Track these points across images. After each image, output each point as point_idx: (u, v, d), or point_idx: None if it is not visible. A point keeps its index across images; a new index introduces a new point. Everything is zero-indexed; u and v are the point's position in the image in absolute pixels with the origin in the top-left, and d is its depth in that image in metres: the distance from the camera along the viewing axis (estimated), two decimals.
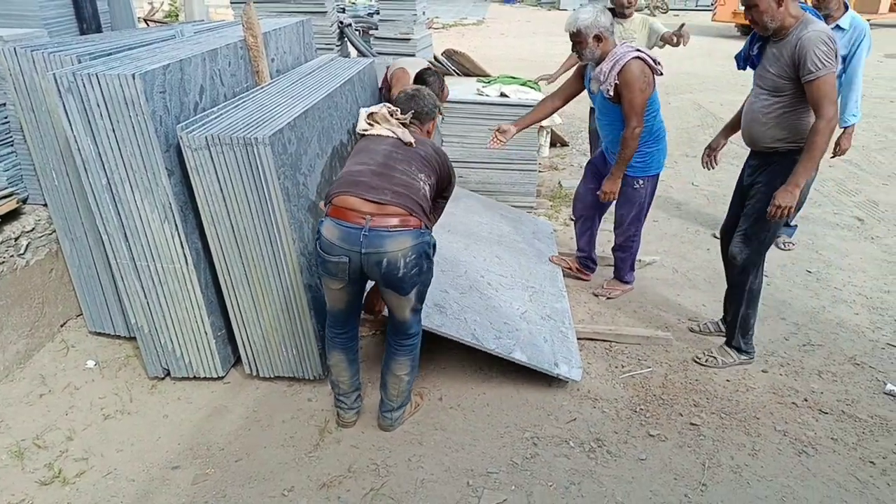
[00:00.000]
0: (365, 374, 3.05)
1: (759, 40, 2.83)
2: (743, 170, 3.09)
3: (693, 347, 3.32)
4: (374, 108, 2.60)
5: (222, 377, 2.98)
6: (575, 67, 3.66)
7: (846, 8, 3.93)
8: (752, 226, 2.96)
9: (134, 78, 2.37)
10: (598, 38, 3.15)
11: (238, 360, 3.01)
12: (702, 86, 9.96)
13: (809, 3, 3.98)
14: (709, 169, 3.40)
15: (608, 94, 3.23)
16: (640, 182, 3.47)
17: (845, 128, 4.13)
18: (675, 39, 4.44)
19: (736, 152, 5.50)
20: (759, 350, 3.28)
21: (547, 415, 2.83)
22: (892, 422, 2.83)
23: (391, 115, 2.56)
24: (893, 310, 3.74)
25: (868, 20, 14.39)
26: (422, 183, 2.40)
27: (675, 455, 2.62)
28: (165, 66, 2.54)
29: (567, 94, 3.62)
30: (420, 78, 3.65)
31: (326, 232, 2.29)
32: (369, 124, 2.57)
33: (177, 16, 13.23)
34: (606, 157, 3.59)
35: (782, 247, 4.47)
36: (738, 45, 3.40)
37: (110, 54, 2.85)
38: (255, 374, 2.96)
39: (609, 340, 3.35)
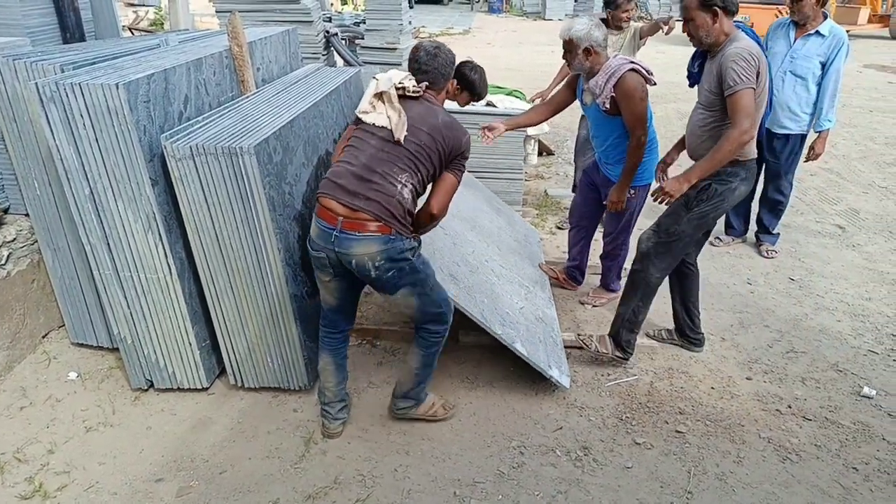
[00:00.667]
0: (351, 383, 3.04)
1: (700, 57, 2.91)
2: None
3: (679, 355, 3.34)
4: (391, 79, 2.49)
5: (207, 388, 2.95)
6: (566, 78, 3.68)
7: (825, 17, 4.02)
8: (665, 217, 3.02)
9: (118, 87, 2.36)
10: (587, 52, 3.14)
11: (223, 371, 2.99)
12: (686, 95, 10.05)
13: (786, 11, 4.08)
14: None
15: (604, 107, 3.22)
16: (632, 192, 3.49)
17: (819, 132, 4.20)
18: (661, 26, 4.46)
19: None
20: (743, 357, 3.31)
21: (534, 423, 2.83)
22: (875, 428, 2.86)
23: (403, 90, 2.47)
24: (874, 317, 3.78)
25: (847, 31, 14.63)
26: (400, 186, 2.40)
27: (660, 463, 2.63)
28: (150, 76, 2.53)
29: (558, 104, 3.62)
30: (459, 72, 3.42)
31: (312, 228, 2.47)
32: (371, 106, 2.49)
33: (162, 24, 13.18)
34: (599, 167, 3.61)
35: (765, 255, 4.52)
36: None
37: (94, 63, 2.83)
38: (239, 384, 2.93)
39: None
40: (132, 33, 11.12)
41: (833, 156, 6.98)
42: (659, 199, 2.83)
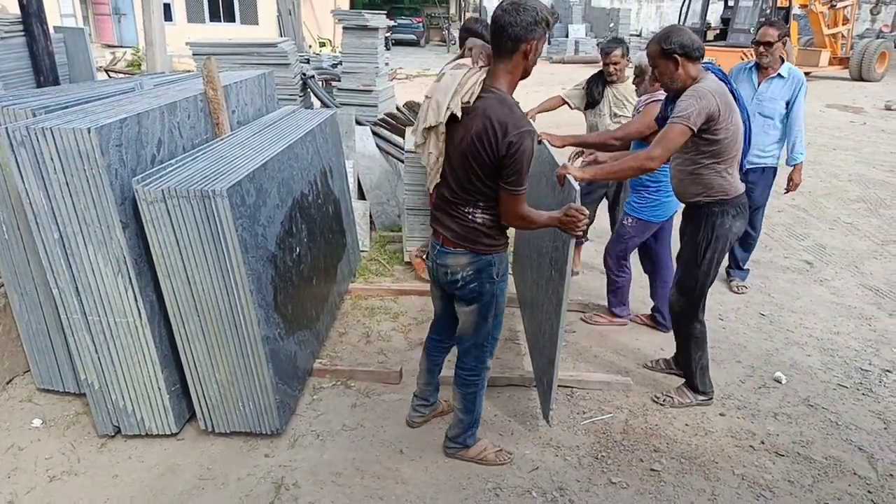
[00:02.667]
0: (324, 426, 3.00)
1: (671, 101, 2.97)
2: (681, 217, 3.23)
3: (652, 391, 3.36)
4: (446, 99, 2.27)
5: (176, 433, 2.89)
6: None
7: (782, 60, 4.29)
8: (683, 275, 3.11)
9: (89, 132, 2.37)
10: (654, 78, 3.28)
11: (193, 416, 2.93)
12: None
13: (754, 55, 4.32)
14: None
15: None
16: (630, 220, 3.64)
17: (794, 165, 4.43)
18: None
19: None
20: (717, 393, 3.33)
21: (509, 464, 2.81)
22: (846, 462, 2.88)
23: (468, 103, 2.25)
24: (843, 351, 3.85)
25: (809, 73, 15.03)
26: (470, 216, 2.40)
27: (636, 502, 2.62)
28: (122, 120, 2.54)
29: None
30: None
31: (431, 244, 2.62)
32: (423, 138, 2.39)
33: (140, 65, 13.25)
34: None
35: (735, 290, 4.59)
36: None
37: (67, 107, 2.84)
38: (210, 429, 2.88)
39: (570, 386, 3.37)
40: (109, 75, 11.16)
41: (799, 192, 7.13)
42: (558, 175, 2.75)
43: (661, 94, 3.35)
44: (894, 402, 3.35)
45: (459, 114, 2.25)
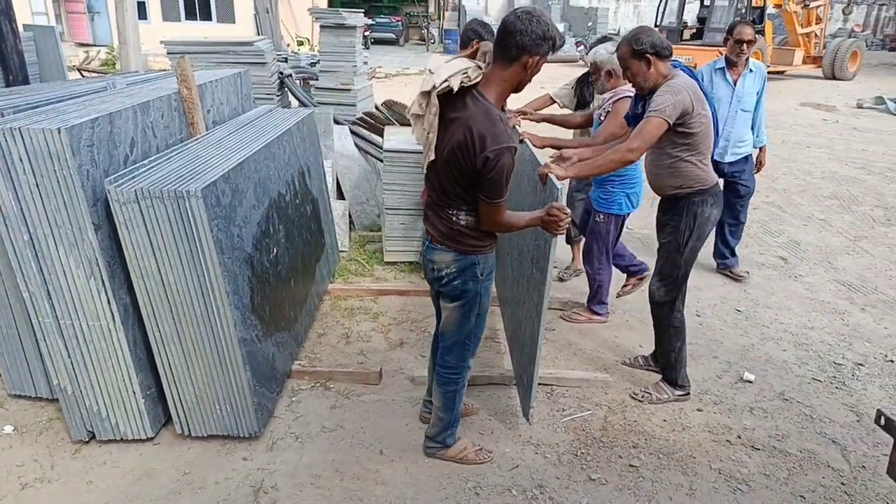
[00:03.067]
0: (303, 427, 2.98)
1: (643, 99, 3.04)
2: (658, 210, 3.29)
3: (631, 388, 3.38)
4: (442, 72, 2.22)
5: (152, 438, 2.85)
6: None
7: (747, 60, 4.52)
8: (664, 264, 3.17)
9: (59, 132, 2.32)
10: (609, 74, 3.57)
11: (169, 420, 2.89)
12: None
13: (729, 52, 4.44)
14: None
15: (600, 119, 3.62)
16: (601, 216, 3.70)
17: (761, 147, 4.82)
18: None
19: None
20: (694, 389, 3.37)
21: (489, 463, 2.81)
22: (820, 455, 2.93)
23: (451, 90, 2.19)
24: (817, 345, 3.91)
25: (783, 71, 15.27)
26: (454, 218, 2.40)
27: (615, 498, 2.64)
28: (94, 120, 2.50)
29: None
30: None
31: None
32: (420, 108, 2.32)
33: (114, 65, 13.06)
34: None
35: (743, 275, 4.82)
36: None
37: (36, 107, 2.79)
38: (186, 433, 2.84)
39: (550, 384, 3.38)
40: (82, 74, 10.98)
41: (774, 190, 7.28)
42: (540, 174, 2.74)
43: (625, 90, 3.46)
44: (867, 395, 3.41)
45: (456, 88, 2.18)
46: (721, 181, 3.55)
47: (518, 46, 2.18)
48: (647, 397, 3.27)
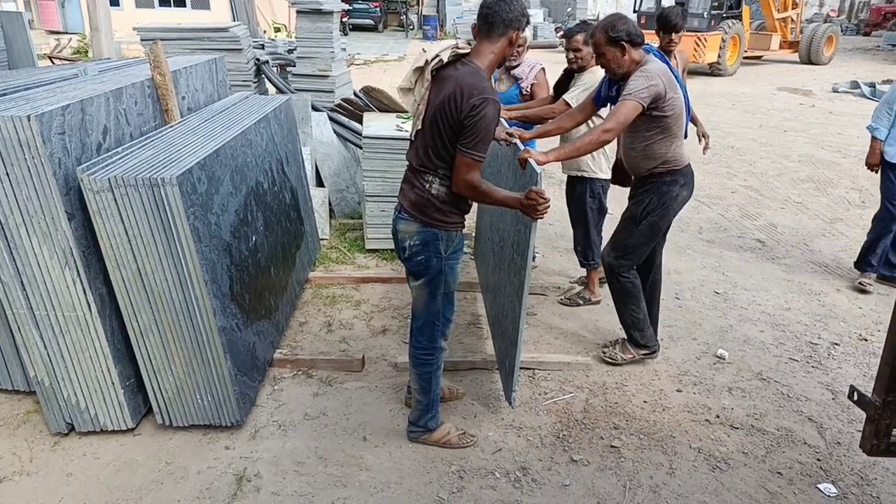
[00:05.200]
0: (286, 415, 2.97)
1: (616, 83, 3.08)
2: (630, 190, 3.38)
3: (612, 370, 3.42)
4: (432, 51, 2.45)
5: (132, 429, 2.82)
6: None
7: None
8: (619, 230, 3.28)
9: (29, 119, 2.27)
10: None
11: (149, 410, 2.86)
12: None
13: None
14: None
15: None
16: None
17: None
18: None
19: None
20: (673, 370, 3.41)
21: (472, 446, 2.83)
22: (797, 433, 2.99)
23: (441, 61, 2.39)
24: (793, 326, 3.97)
25: (761, 56, 15.35)
26: (427, 185, 2.47)
27: (597, 479, 2.67)
28: (65, 107, 2.44)
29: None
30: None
31: None
32: (410, 83, 2.53)
33: (86, 52, 12.79)
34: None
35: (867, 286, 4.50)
36: None
37: (5, 94, 2.73)
38: (167, 423, 2.82)
39: (532, 368, 3.40)
40: (52, 62, 10.74)
41: (752, 174, 7.35)
42: (520, 159, 2.72)
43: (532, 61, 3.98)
44: (842, 374, 3.48)
45: (446, 60, 2.40)
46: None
47: (504, 23, 2.37)
48: (613, 356, 3.42)
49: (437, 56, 2.41)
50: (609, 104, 3.20)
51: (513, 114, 3.62)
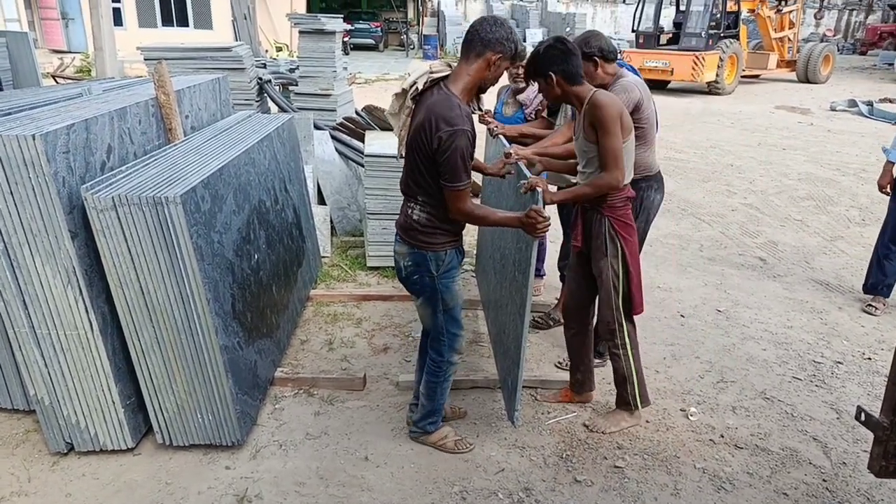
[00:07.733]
0: (287, 434, 2.95)
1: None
2: None
3: (614, 390, 3.39)
4: (411, 78, 2.48)
5: (132, 448, 2.80)
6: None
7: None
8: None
9: (34, 138, 2.28)
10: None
11: (150, 430, 2.84)
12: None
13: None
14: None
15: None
16: None
17: None
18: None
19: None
20: (677, 389, 3.40)
21: (475, 467, 2.80)
22: (802, 453, 2.96)
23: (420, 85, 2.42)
24: (796, 344, 3.96)
25: (758, 75, 15.45)
26: (410, 210, 2.53)
27: (601, 500, 2.64)
28: (69, 126, 2.46)
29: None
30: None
31: None
32: (395, 108, 2.58)
33: (90, 71, 12.89)
34: None
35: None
36: None
37: (10, 114, 2.74)
38: (168, 443, 2.80)
39: (534, 387, 3.38)
40: (56, 81, 10.82)
41: (752, 191, 7.37)
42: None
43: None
44: (846, 393, 3.46)
45: (422, 86, 2.40)
46: None
47: (482, 43, 2.37)
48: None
49: (413, 84, 2.42)
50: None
51: (511, 133, 3.66)
